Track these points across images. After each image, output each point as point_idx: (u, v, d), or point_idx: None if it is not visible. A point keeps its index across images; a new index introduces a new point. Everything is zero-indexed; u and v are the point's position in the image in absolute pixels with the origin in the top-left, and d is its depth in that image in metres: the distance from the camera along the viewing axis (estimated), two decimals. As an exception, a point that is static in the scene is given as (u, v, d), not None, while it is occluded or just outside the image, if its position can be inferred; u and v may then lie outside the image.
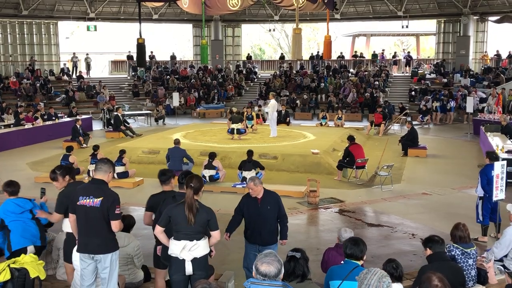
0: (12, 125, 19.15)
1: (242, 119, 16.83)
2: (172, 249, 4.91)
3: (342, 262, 5.19)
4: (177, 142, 12.80)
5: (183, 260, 4.89)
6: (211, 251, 5.20)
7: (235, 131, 16.29)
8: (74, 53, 31.69)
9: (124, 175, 12.23)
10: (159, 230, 4.96)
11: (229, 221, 6.23)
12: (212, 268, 6.02)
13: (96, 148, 12.73)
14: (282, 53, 38.62)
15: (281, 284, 3.41)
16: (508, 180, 8.70)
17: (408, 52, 35.13)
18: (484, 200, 8.23)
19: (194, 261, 4.89)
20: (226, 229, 6.20)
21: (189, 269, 4.90)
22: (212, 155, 11.85)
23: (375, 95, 25.95)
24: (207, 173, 11.70)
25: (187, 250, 4.87)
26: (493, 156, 8.61)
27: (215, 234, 5.00)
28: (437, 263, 4.89)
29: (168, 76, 30.96)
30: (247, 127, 18.18)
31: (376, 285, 3.43)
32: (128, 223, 6.07)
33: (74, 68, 31.01)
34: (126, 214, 6.54)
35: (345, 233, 5.66)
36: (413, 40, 44.23)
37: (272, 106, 16.85)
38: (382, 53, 33.46)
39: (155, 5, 29.16)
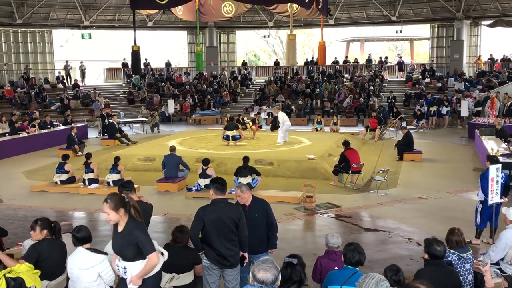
0: (7, 134, 19.10)
1: (237, 126, 16.88)
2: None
3: (336, 268, 5.19)
4: (172, 149, 12.78)
5: None
6: (244, 258, 5.63)
7: (230, 137, 16.30)
8: (66, 61, 31.67)
9: (119, 182, 12.19)
10: None
11: None
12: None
13: (88, 156, 12.68)
14: (277, 59, 38.71)
15: None
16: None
17: (400, 57, 35.31)
18: (484, 204, 8.22)
19: None
20: None
21: None
22: (206, 162, 11.81)
23: (393, 102, 26.00)
24: (202, 182, 11.65)
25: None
26: (494, 159, 8.60)
27: None
28: (433, 267, 4.90)
29: (163, 83, 30.98)
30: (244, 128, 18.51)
31: (374, 289, 3.43)
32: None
33: (68, 76, 30.98)
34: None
35: (332, 238, 5.64)
36: (407, 45, 44.43)
37: (282, 118, 17.14)
38: (381, 59, 33.73)
39: (149, 13, 29.09)
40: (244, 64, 35.50)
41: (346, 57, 35.69)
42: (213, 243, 5.40)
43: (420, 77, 29.73)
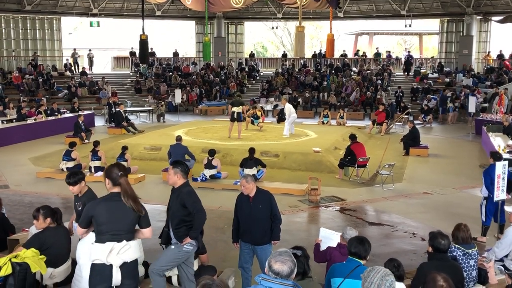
0: (14, 120, 19.18)
1: (243, 103, 16.53)
2: (95, 255, 4.30)
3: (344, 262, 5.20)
4: (179, 139, 12.79)
5: (109, 267, 4.30)
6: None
7: (235, 114, 15.86)
8: (74, 49, 31.70)
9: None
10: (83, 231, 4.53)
11: (232, 229, 6.13)
12: (214, 269, 6.02)
13: (96, 144, 12.72)
14: (284, 51, 38.63)
15: (291, 284, 3.38)
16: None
17: (409, 52, 35.10)
18: (488, 200, 8.19)
19: (123, 266, 4.34)
20: (233, 240, 6.15)
21: (117, 277, 4.30)
22: (212, 152, 11.84)
23: (400, 96, 25.82)
24: (208, 172, 11.68)
25: (115, 254, 4.26)
26: (497, 156, 8.55)
27: (147, 233, 4.55)
28: (436, 261, 4.90)
29: (170, 73, 30.99)
30: (253, 123, 18.46)
31: (379, 283, 3.44)
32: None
33: (75, 64, 31.03)
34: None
35: (349, 230, 5.67)
36: (416, 39, 44.18)
37: (289, 110, 17.05)
38: (389, 53, 33.61)
39: (158, 2, 29.14)
40: (251, 55, 35.42)
41: (358, 50, 35.48)
42: None
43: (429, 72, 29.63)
